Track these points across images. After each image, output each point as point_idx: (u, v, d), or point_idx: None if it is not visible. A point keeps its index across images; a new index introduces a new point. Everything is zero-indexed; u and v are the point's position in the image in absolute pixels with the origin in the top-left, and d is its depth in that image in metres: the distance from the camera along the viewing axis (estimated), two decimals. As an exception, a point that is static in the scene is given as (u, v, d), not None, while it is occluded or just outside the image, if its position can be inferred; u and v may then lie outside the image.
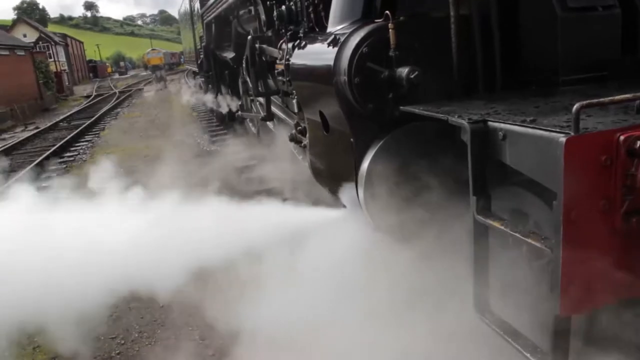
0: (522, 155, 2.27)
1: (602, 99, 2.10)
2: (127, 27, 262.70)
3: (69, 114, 27.47)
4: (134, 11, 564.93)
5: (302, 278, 3.67)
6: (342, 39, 3.18)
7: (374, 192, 3.16)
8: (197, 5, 13.90)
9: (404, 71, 2.94)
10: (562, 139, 1.98)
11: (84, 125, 20.12)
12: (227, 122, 13.83)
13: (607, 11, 3.27)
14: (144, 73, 79.47)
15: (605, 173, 2.07)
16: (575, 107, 1.97)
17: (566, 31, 3.14)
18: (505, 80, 3.20)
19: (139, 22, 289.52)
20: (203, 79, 15.84)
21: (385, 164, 3.10)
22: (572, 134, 1.99)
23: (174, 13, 37.67)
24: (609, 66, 3.17)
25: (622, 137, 2.06)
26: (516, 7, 3.23)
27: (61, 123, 23.64)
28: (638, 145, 2.07)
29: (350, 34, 3.15)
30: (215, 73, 12.20)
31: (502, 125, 2.32)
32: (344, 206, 3.78)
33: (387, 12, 3.04)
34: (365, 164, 3.18)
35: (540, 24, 3.16)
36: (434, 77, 2.99)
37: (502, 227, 2.35)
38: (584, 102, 1.99)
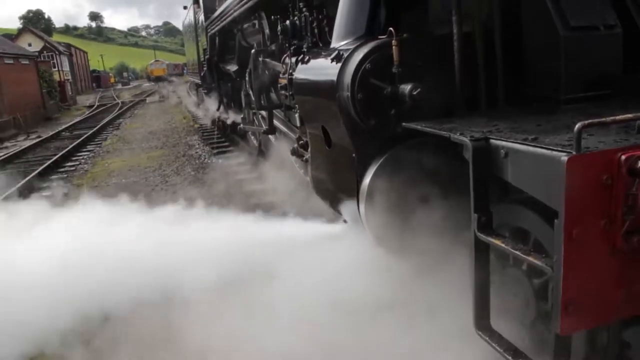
0: (524, 174, 2.28)
1: (603, 119, 2.11)
2: (131, 37, 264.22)
3: (71, 123, 27.55)
4: (138, 22, 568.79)
5: (300, 293, 3.66)
6: (345, 54, 3.20)
7: (375, 208, 3.16)
8: (201, 17, 13.97)
9: (406, 88, 2.96)
10: (564, 157, 1.99)
11: (86, 135, 20.17)
12: (228, 135, 13.87)
13: (608, 30, 3.29)
14: (147, 84, 79.75)
15: (606, 192, 2.08)
16: (577, 126, 1.99)
17: (568, 50, 3.16)
18: (507, 97, 3.22)
19: (143, 33, 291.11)
20: (205, 91, 15.89)
21: (387, 179, 3.11)
22: (574, 153, 2.00)
23: (178, 25, 37.90)
24: (611, 85, 3.18)
25: (623, 157, 2.07)
26: (519, 25, 3.26)
27: (63, 132, 23.70)
28: (639, 164, 2.08)
29: (354, 50, 3.17)
30: (218, 85, 12.25)
31: (504, 143, 2.33)
32: (345, 221, 3.78)
33: (390, 28, 3.07)
34: (367, 180, 3.18)
35: (542, 43, 3.19)
36: (437, 94, 3.01)
37: (503, 245, 2.35)
38: (586, 122, 2.01)
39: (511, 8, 3.21)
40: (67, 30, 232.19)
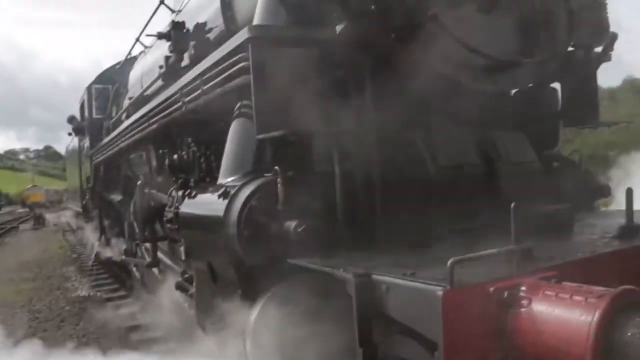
0: (404, 307, 2.37)
1: (472, 255, 2.32)
2: (8, 161, 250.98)
3: None
4: (16, 145, 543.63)
5: None
6: (232, 191, 3.26)
7: (261, 345, 3.09)
8: (87, 144, 13.74)
9: (291, 225, 3.04)
10: (439, 292, 2.12)
11: (-56, 268, 18.24)
12: (109, 266, 13.18)
13: (473, 169, 3.67)
14: (21, 210, 74.86)
15: (480, 322, 2.21)
16: (449, 262, 2.15)
17: (439, 187, 3.46)
18: (387, 232, 3.39)
19: (22, 157, 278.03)
20: (86, 220, 15.25)
21: (273, 316, 3.08)
22: (448, 287, 2.13)
23: (61, 149, 36.69)
24: (478, 218, 3.48)
25: (492, 289, 2.24)
26: (395, 164, 3.52)
27: None
28: (506, 295, 2.25)
29: (241, 187, 3.25)
30: (100, 215, 11.83)
31: (385, 279, 2.43)
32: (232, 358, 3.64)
33: (276, 167, 3.20)
34: (252, 316, 3.13)
35: (416, 181, 3.46)
36: (321, 230, 3.10)
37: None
38: (457, 258, 2.18)
39: (387, 148, 3.48)
40: None
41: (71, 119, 14.46)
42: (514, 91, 4.32)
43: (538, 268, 2.44)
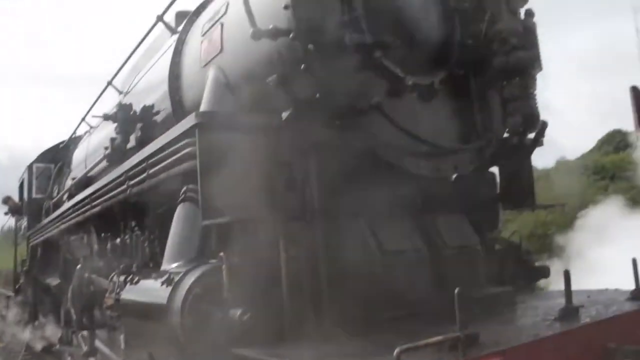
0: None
1: (418, 342, 2.32)
2: None
3: None
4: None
5: None
6: (176, 278, 3.19)
7: None
8: (24, 224, 13.23)
9: (236, 312, 2.97)
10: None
11: None
12: (41, 357, 12.37)
13: (416, 254, 3.73)
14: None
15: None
16: (395, 351, 2.15)
17: (384, 272, 3.48)
18: (334, 318, 3.34)
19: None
20: (18, 306, 14.43)
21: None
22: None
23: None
24: (423, 302, 3.50)
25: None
26: (341, 250, 3.53)
27: None
28: None
29: (185, 274, 3.19)
30: (35, 300, 11.23)
31: None
32: None
33: (221, 253, 3.16)
34: (196, 411, 3.00)
35: (361, 265, 3.47)
36: (267, 318, 3.04)
37: None
38: (404, 346, 2.18)
39: (333, 234, 3.50)
40: None
41: (6, 200, 13.92)
42: (454, 176, 4.48)
43: (483, 354, 2.45)
